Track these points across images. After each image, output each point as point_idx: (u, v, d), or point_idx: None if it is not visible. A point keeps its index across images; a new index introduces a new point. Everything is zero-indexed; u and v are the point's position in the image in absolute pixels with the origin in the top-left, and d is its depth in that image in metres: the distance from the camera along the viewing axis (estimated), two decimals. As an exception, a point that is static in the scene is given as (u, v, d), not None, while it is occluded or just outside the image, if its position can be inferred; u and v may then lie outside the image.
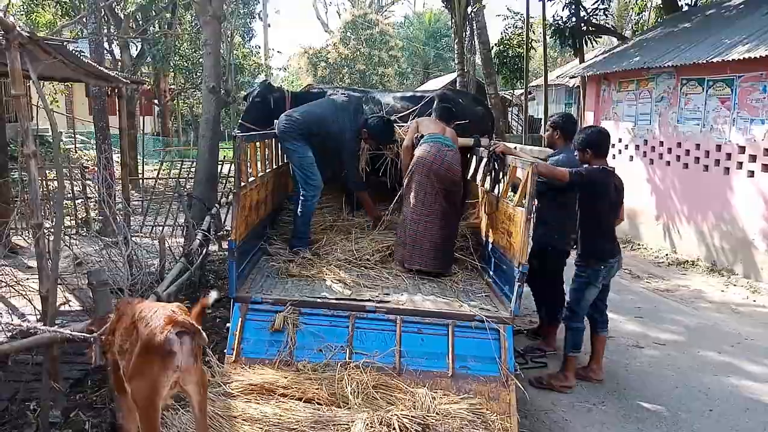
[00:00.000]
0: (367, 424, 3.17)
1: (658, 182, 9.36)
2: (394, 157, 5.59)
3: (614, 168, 4.49)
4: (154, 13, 16.23)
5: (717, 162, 8.10)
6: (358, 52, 26.25)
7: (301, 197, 5.18)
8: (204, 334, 2.71)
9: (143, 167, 14.82)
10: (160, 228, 9.23)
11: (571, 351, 4.46)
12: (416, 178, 4.85)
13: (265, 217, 5.34)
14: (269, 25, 27.87)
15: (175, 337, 2.57)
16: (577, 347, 4.46)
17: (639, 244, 9.58)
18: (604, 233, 4.44)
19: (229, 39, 17.65)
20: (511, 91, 23.37)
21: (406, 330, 3.90)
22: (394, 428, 3.16)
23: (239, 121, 6.27)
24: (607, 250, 4.42)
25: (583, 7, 14.04)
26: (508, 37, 19.61)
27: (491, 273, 4.71)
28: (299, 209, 5.18)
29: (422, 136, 5.05)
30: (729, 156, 7.89)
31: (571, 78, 16.69)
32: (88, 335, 2.84)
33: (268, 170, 5.41)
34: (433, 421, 3.28)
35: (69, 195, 9.12)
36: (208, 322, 5.23)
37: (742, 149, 7.67)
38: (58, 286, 3.69)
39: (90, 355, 3.07)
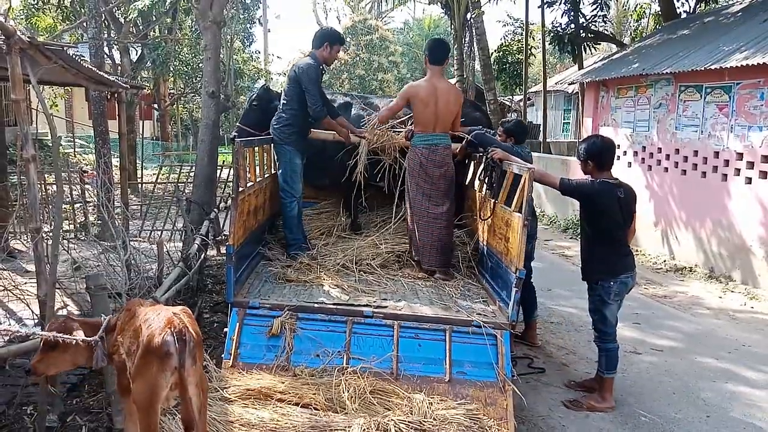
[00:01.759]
0: (364, 430, 3.17)
1: (656, 188, 9.38)
2: (392, 163, 5.61)
3: (617, 180, 4.30)
4: (154, 18, 16.26)
5: (715, 169, 8.12)
6: (358, 58, 26.28)
7: (281, 203, 5.29)
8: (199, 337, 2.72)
9: (142, 171, 14.84)
10: (159, 232, 9.23)
11: (606, 372, 4.27)
12: (416, 182, 4.93)
13: (264, 222, 5.35)
14: (269, 31, 27.99)
15: (171, 339, 2.58)
16: (611, 368, 4.26)
17: (637, 250, 9.58)
18: (608, 246, 4.21)
19: (229, 44, 17.70)
20: (510, 97, 23.44)
21: (404, 335, 3.91)
22: (390, 434, 3.16)
23: (237, 124, 6.29)
24: (613, 264, 4.20)
25: (582, 14, 14.13)
26: (507, 43, 19.70)
27: (488, 278, 4.72)
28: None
29: (412, 132, 5.05)
30: (727, 163, 7.91)
31: (569, 84, 16.76)
32: (89, 339, 2.84)
33: (266, 175, 5.42)
34: (430, 426, 3.28)
35: (68, 199, 9.12)
36: (205, 327, 5.23)
37: (740, 156, 7.69)
38: (57, 290, 3.69)
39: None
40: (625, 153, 10.16)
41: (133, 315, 2.90)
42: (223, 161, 10.58)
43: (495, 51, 18.84)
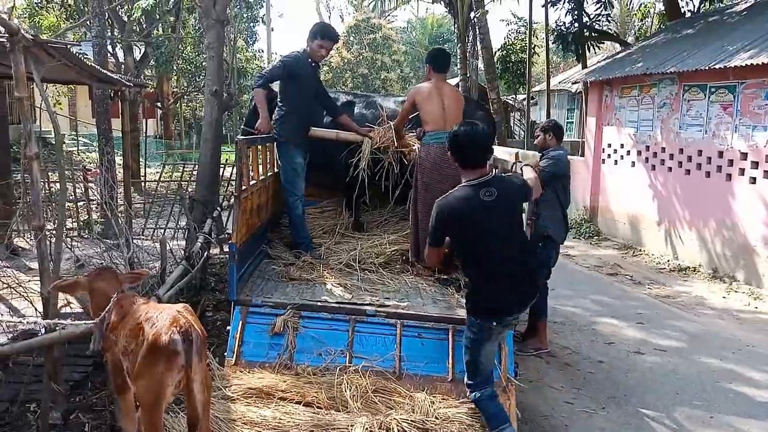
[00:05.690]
0: (367, 428, 3.17)
1: (660, 188, 9.35)
2: (392, 162, 5.59)
3: None
4: (157, 17, 16.27)
5: (719, 168, 8.10)
6: (361, 57, 26.28)
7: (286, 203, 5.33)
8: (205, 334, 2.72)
9: (145, 170, 14.85)
10: (162, 231, 9.24)
11: None
12: (425, 180, 4.85)
13: (267, 221, 5.35)
14: (272, 29, 27.95)
15: (179, 337, 2.58)
16: None
17: (641, 250, 9.57)
18: None
19: (232, 42, 17.66)
20: (514, 96, 23.39)
21: (406, 334, 3.90)
22: (393, 433, 3.15)
23: (243, 127, 6.28)
24: None
25: (586, 13, 14.10)
26: (510, 42, 19.69)
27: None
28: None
29: (423, 131, 5.04)
30: (731, 162, 7.88)
31: (573, 83, 16.70)
32: (90, 323, 2.85)
33: (269, 173, 5.42)
34: (433, 425, 3.28)
35: (71, 197, 9.13)
36: (208, 325, 5.23)
37: (744, 156, 7.66)
38: (60, 288, 3.69)
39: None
40: (628, 153, 10.14)
41: (127, 313, 2.86)
42: (226, 159, 10.58)
43: (498, 50, 18.80)
